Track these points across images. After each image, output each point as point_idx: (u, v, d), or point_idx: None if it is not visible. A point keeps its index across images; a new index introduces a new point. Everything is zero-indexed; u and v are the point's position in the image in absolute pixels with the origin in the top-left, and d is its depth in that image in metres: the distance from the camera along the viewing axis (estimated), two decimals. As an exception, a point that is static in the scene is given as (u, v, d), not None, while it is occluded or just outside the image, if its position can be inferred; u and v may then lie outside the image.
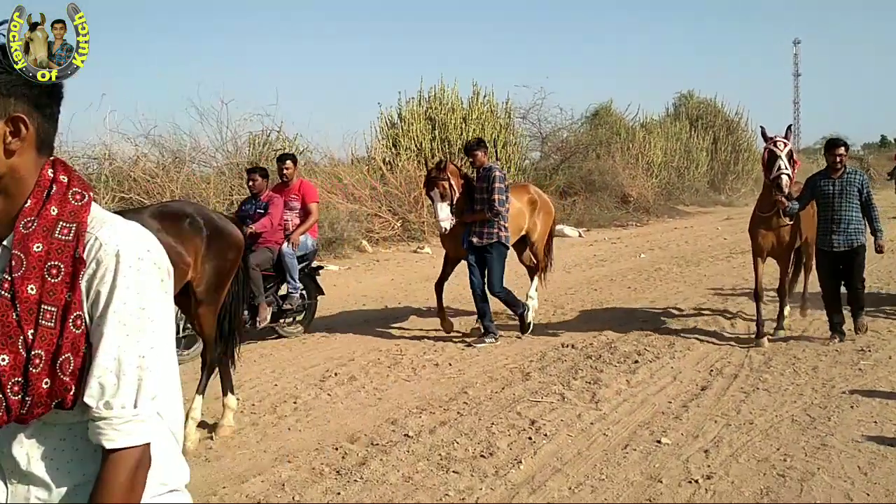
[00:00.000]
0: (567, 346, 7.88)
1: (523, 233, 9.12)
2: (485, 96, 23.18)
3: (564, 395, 6.20)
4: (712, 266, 13.85)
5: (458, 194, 8.15)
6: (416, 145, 21.35)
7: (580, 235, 20.43)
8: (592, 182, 24.70)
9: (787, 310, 8.49)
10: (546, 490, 4.44)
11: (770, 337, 7.85)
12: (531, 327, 8.44)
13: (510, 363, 7.28)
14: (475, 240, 8.08)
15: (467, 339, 8.24)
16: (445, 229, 8.16)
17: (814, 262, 8.24)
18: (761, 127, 8.13)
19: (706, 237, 19.12)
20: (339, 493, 4.44)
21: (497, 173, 8.01)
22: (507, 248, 8.28)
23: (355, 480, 4.61)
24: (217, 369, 5.61)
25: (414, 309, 10.00)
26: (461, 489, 4.47)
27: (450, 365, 7.26)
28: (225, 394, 5.61)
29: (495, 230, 8.03)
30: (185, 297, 5.34)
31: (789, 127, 7.72)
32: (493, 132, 22.46)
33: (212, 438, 5.38)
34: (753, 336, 7.84)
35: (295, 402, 6.20)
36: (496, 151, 8.65)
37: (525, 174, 23.70)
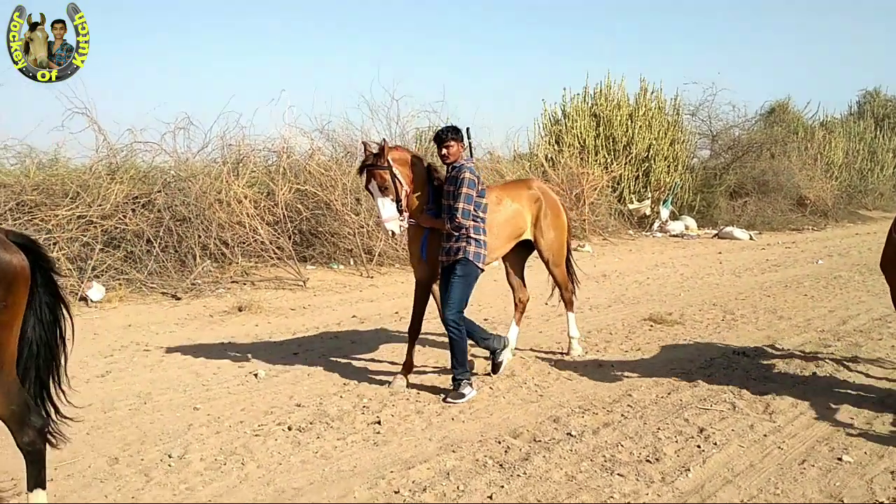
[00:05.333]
0: (738, 353, 7.55)
1: (525, 238, 7.32)
2: (652, 92, 22.76)
3: (735, 405, 5.94)
4: (900, 275, 12.84)
5: (406, 187, 6.35)
6: (579, 142, 21.24)
7: (751, 238, 19.61)
8: (766, 183, 23.64)
9: None
10: (716, 500, 4.28)
11: None
12: (501, 368, 6.74)
13: (676, 368, 7.06)
14: (442, 258, 6.34)
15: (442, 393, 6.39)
16: (393, 233, 6.42)
17: None
18: None
19: (892, 244, 17.76)
20: (502, 487, 4.48)
21: (467, 174, 6.17)
22: (480, 270, 6.34)
23: (518, 475, 4.63)
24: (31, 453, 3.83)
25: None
26: (626, 492, 4.39)
27: (612, 366, 7.13)
28: (30, 488, 3.86)
29: (463, 244, 6.20)
30: None
31: None
32: (660, 129, 21.96)
33: (379, 423, 5.57)
34: None
35: (458, 394, 6.29)
36: (470, 145, 6.87)
37: (693, 173, 23.00)
